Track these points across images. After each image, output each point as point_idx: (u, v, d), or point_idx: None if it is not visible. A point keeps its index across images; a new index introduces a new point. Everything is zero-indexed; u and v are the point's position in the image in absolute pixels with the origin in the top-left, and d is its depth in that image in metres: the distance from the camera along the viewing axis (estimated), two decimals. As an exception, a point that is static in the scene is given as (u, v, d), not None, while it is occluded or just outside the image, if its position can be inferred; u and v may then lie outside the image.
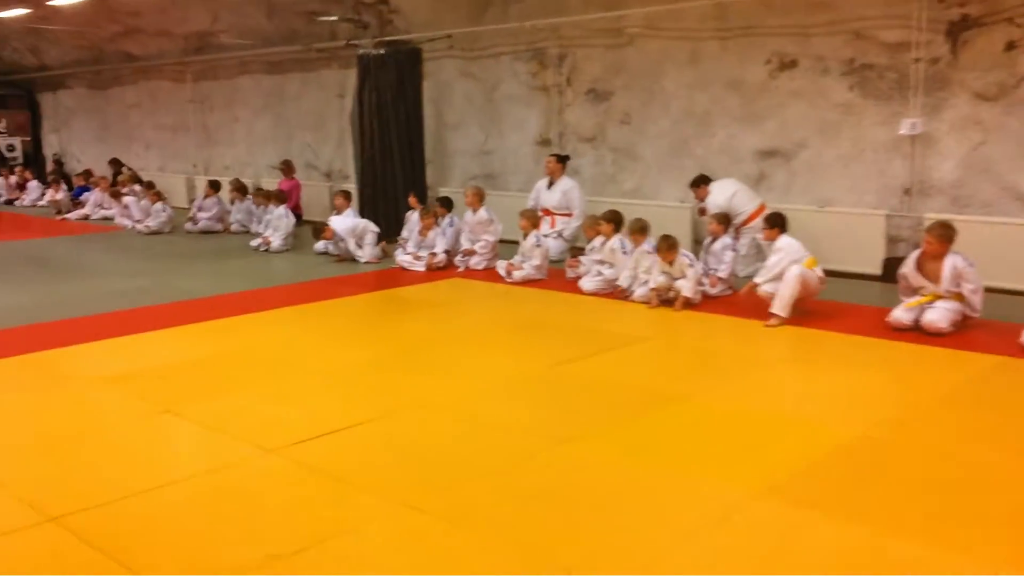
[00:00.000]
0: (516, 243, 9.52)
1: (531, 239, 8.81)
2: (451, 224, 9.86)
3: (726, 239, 7.77)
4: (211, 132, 16.57)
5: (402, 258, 9.70)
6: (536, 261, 8.73)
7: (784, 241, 6.75)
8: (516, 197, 10.90)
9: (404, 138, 11.39)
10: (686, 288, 7.21)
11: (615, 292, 7.82)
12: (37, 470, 4.17)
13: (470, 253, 9.40)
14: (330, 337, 6.86)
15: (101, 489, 3.89)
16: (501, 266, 8.98)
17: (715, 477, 3.93)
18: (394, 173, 11.36)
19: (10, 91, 21.36)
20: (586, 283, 8.10)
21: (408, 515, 3.61)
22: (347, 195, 11.09)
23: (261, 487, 3.96)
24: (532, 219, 8.91)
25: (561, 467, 4.08)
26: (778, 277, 6.65)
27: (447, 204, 10.00)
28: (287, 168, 13.61)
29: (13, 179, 18.43)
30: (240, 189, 13.05)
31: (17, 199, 18.05)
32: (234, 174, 15.58)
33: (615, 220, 8.10)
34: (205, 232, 13.11)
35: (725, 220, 7.86)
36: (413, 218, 10.08)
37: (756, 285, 6.73)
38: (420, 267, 9.50)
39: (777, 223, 6.83)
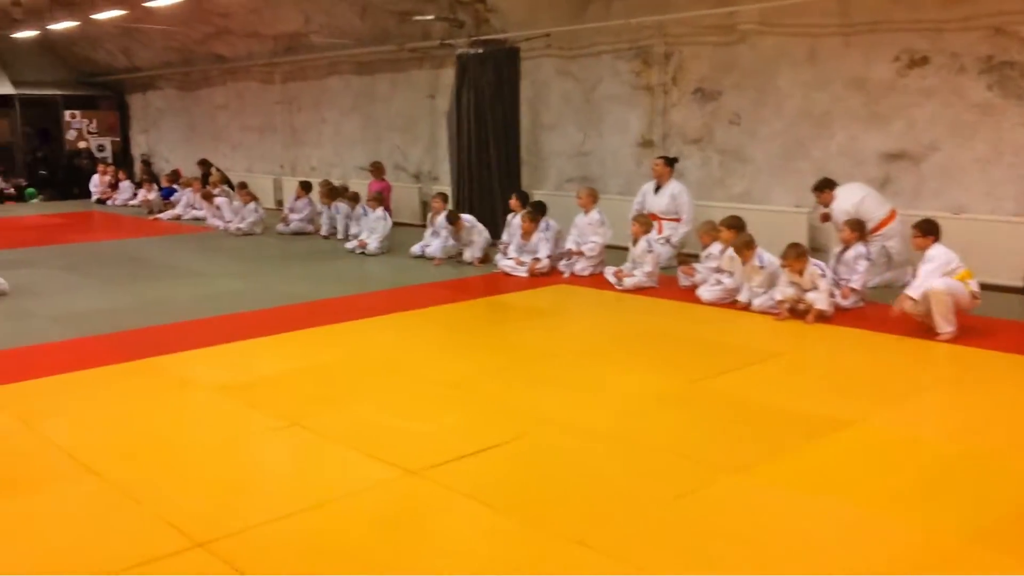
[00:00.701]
0: (619, 249, 9.19)
1: (642, 244, 8.45)
2: (547, 228, 9.54)
3: (859, 247, 7.29)
4: (298, 133, 16.58)
5: (504, 263, 9.42)
6: (648, 268, 8.36)
7: (937, 250, 6.26)
8: (615, 200, 10.53)
9: (501, 139, 11.13)
10: (819, 300, 6.76)
11: (737, 303, 7.40)
12: (175, 488, 3.97)
13: (578, 254, 9.07)
14: (441, 345, 6.60)
15: (244, 511, 3.66)
16: (609, 272, 8.63)
17: (915, 519, 3.53)
18: (490, 175, 11.11)
19: (101, 92, 21.79)
20: (704, 292, 7.70)
21: (578, 553, 3.30)
22: (444, 197, 10.87)
23: (413, 513, 3.69)
24: (644, 224, 8.54)
25: (736, 501, 3.72)
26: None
27: (540, 208, 9.67)
28: (377, 169, 13.47)
29: (107, 179, 18.73)
30: (330, 193, 12.90)
31: (109, 198, 18.34)
32: (321, 175, 15.53)
33: (736, 226, 7.68)
34: (296, 233, 13.04)
35: (859, 227, 7.37)
36: (515, 222, 9.78)
37: (910, 299, 6.24)
38: (522, 272, 9.21)
39: (931, 231, 6.34)
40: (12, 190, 19.73)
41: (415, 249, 10.62)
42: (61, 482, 4.06)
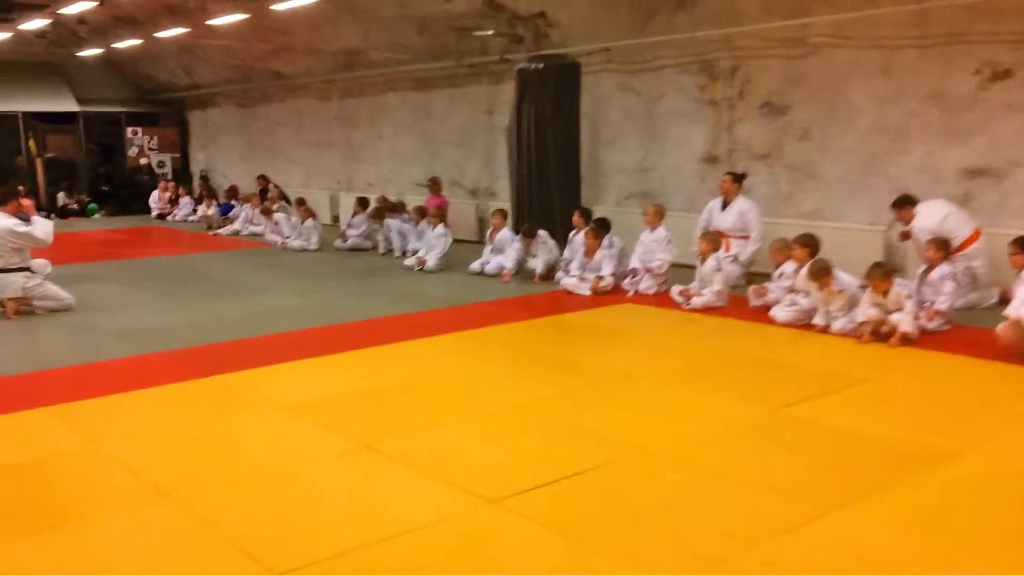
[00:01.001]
0: (683, 267, 8.97)
1: (711, 263, 8.20)
2: (611, 245, 9.34)
3: (945, 267, 6.96)
4: (355, 149, 16.62)
5: (567, 281, 9.24)
6: (717, 287, 8.10)
7: (1036, 271, 5.94)
8: (677, 217, 10.29)
9: (561, 155, 10.97)
10: (905, 322, 6.45)
11: (814, 325, 7.11)
12: (251, 514, 3.85)
13: (649, 271, 8.86)
14: (509, 366, 6.43)
15: (324, 540, 3.52)
16: (676, 292, 8.40)
17: (1037, 564, 3.26)
18: (550, 191, 10.95)
19: (162, 109, 22.16)
20: (779, 313, 7.43)
21: (676, 595, 3.09)
22: (504, 213, 10.72)
23: (491, 545, 3.51)
24: (713, 242, 8.29)
25: (845, 542, 3.47)
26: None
27: (604, 225, 9.48)
28: (435, 185, 13.41)
29: (167, 194, 18.99)
30: (377, 213, 12.84)
31: (169, 214, 18.58)
32: (377, 191, 15.52)
33: (810, 244, 7.41)
34: (354, 249, 13.02)
35: (944, 246, 7.05)
36: (577, 238, 9.60)
37: (1014, 323, 5.90)
38: (585, 290, 9.01)
39: (1030, 249, 6.02)
40: (76, 205, 20.11)
41: (474, 266, 10.49)
42: (131, 505, 3.96)
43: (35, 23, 15.42)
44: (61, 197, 20.14)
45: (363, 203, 13.53)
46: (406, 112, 15.17)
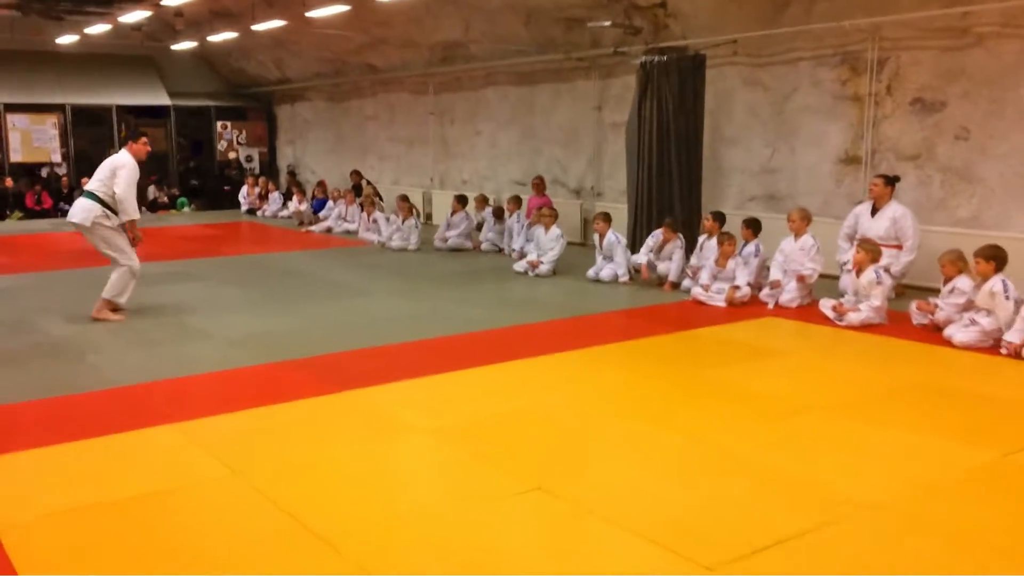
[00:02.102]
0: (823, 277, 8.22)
1: (869, 275, 7.42)
2: (756, 254, 8.63)
3: None
4: (450, 145, 16.14)
5: (696, 290, 8.55)
6: (876, 301, 7.32)
7: None
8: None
9: (683, 153, 10.26)
10: (1124, 350, 5.62)
11: (1009, 349, 6.30)
12: (423, 565, 3.29)
13: (800, 279, 8.13)
14: (663, 389, 5.78)
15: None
16: (826, 305, 7.65)
17: None
18: (671, 192, 10.25)
19: (251, 104, 22.06)
20: (957, 333, 6.63)
21: None
22: (608, 217, 9.96)
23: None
24: (872, 251, 7.51)
25: None
26: None
27: (755, 226, 8.76)
28: (540, 185, 12.82)
29: (256, 189, 18.81)
30: (502, 211, 12.41)
31: (259, 209, 18.39)
32: (472, 189, 15.03)
33: (997, 258, 6.60)
34: (455, 250, 12.51)
35: None
36: (708, 244, 8.90)
37: None
38: (718, 301, 8.32)
39: None
40: (166, 199, 20.12)
41: (590, 273, 9.87)
42: (293, 558, 3.43)
43: (135, 15, 15.28)
44: (151, 191, 20.17)
45: (462, 201, 13.01)
46: (506, 107, 14.61)
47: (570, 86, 13.33)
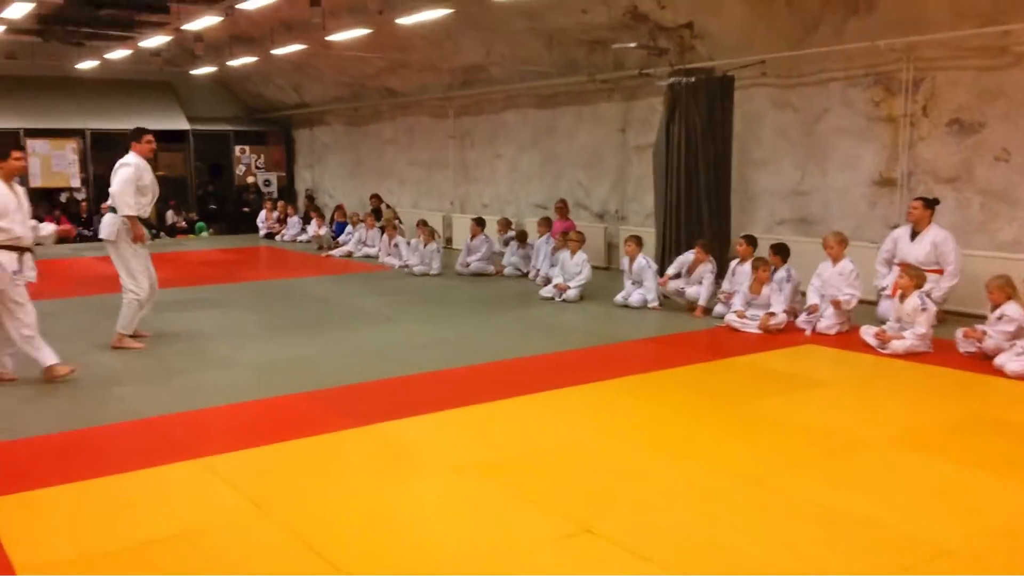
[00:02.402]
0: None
1: (913, 301, 7.16)
2: (788, 279, 8.40)
3: None
4: (470, 168, 16.00)
5: (730, 316, 8.31)
6: (921, 329, 7.07)
7: None
8: (843, 246, 9.28)
9: (712, 176, 10.06)
10: None
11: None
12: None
13: (836, 306, 7.88)
14: (707, 421, 5.53)
15: None
16: (868, 333, 7.39)
17: None
18: (700, 215, 10.05)
19: (269, 128, 22.05)
20: (1009, 363, 6.36)
21: None
22: (639, 240, 9.77)
23: None
24: (917, 277, 7.26)
25: None
26: None
27: (783, 252, 8.54)
28: (563, 208, 12.64)
29: (275, 213, 18.72)
30: (525, 235, 12.27)
31: (277, 233, 18.28)
32: (493, 212, 14.89)
33: (1052, 283, 6.35)
34: (477, 275, 12.32)
35: None
36: (741, 270, 8.68)
37: None
38: (753, 328, 8.07)
39: None
40: (184, 223, 20.05)
41: (618, 299, 9.65)
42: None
43: (156, 40, 15.26)
44: (170, 215, 20.12)
45: (480, 223, 12.82)
46: (527, 130, 14.47)
47: (592, 108, 13.18)
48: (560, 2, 11.30)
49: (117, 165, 7.68)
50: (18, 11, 11.59)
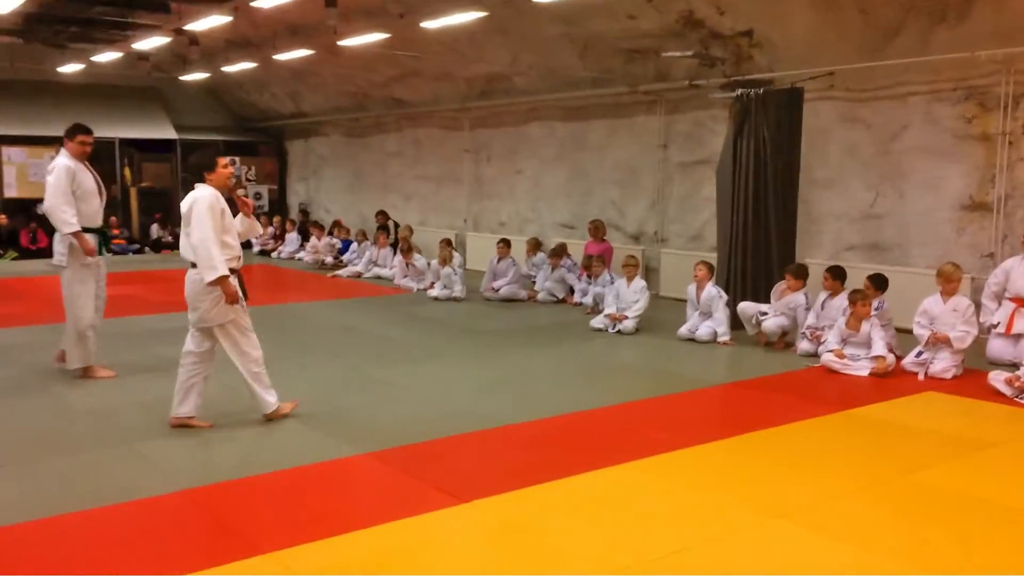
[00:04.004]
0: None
1: (1053, 344, 6.29)
2: (879, 307, 7.51)
3: None
4: (485, 184, 15.01)
5: (828, 357, 7.37)
6: (1068, 376, 6.19)
7: None
8: (923, 276, 8.44)
9: (779, 198, 9.16)
10: None
11: None
12: None
13: (943, 341, 7.00)
14: (872, 501, 4.54)
15: None
16: (999, 379, 6.50)
17: None
18: (768, 240, 9.13)
19: (261, 138, 20.92)
20: None
21: None
22: (710, 267, 8.91)
23: None
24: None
25: None
26: None
27: (881, 284, 7.67)
28: (597, 229, 11.69)
29: (271, 229, 17.59)
30: (557, 254, 11.29)
31: (274, 250, 17.14)
32: (511, 231, 13.95)
33: None
34: (507, 300, 11.31)
35: None
36: (831, 304, 7.78)
37: None
38: (857, 370, 7.15)
39: None
40: (170, 238, 18.77)
41: (682, 332, 8.71)
42: None
43: (149, 42, 14.13)
44: (155, 229, 18.91)
45: (509, 245, 11.82)
46: (553, 144, 13.53)
47: (629, 122, 12.26)
48: (604, 6, 10.38)
49: (47, 173, 6.77)
50: (6, 6, 10.41)
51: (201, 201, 5.46)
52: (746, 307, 8.50)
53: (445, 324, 9.80)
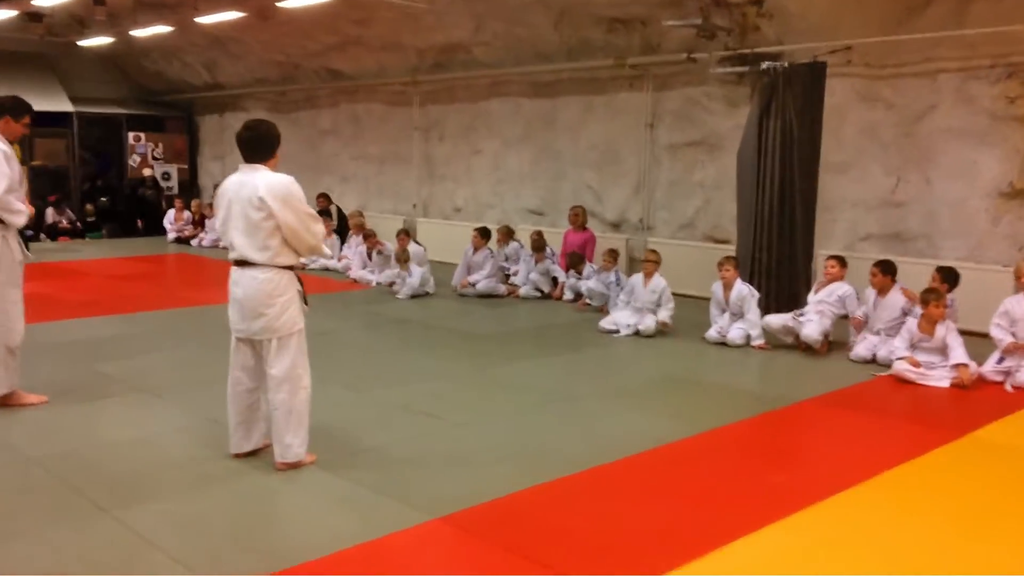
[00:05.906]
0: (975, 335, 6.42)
1: None
2: (949, 305, 6.78)
3: None
4: (437, 165, 13.74)
5: (901, 365, 6.55)
6: None
7: None
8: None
9: (803, 183, 8.34)
10: None
11: None
12: None
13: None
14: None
15: None
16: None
17: None
18: (792, 230, 8.31)
19: (168, 112, 18.93)
20: None
21: None
22: (736, 263, 8.02)
23: None
24: None
25: None
26: None
27: (953, 279, 6.93)
28: (578, 216, 10.64)
29: (186, 214, 15.79)
30: (540, 247, 10.21)
31: (192, 237, 15.38)
32: (468, 217, 12.83)
33: None
34: (485, 296, 10.16)
35: None
36: (882, 303, 7.00)
37: None
38: (936, 381, 6.37)
39: None
40: (66, 223, 16.69)
41: (711, 334, 7.80)
42: None
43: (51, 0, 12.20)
44: (50, 213, 16.76)
45: (484, 234, 10.63)
46: (518, 122, 12.38)
47: (607, 99, 11.24)
48: (595, -32, 9.32)
49: None
50: None
51: (295, 186, 4.47)
52: (772, 320, 7.62)
53: (428, 327, 8.60)
